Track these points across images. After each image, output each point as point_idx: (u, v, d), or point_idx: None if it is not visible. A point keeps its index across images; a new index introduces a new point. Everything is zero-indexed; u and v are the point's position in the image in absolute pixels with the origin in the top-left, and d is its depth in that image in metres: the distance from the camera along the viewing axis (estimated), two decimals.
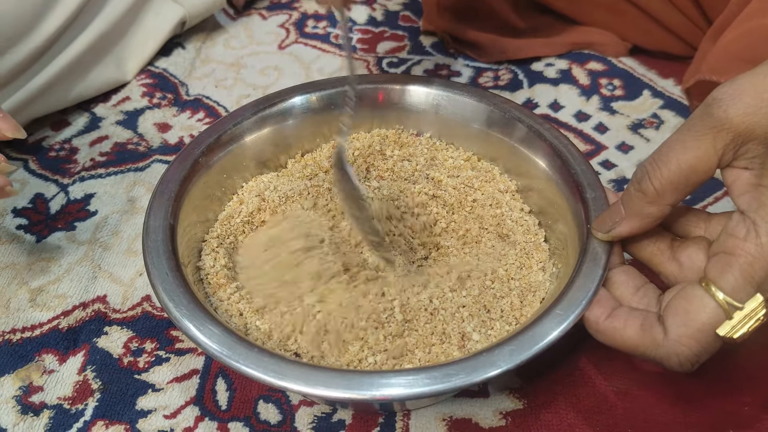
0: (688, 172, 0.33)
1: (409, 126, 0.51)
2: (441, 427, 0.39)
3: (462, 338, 0.38)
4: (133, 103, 0.63)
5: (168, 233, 0.39)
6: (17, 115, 0.55)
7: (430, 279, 0.41)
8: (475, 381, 0.32)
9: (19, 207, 0.53)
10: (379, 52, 0.69)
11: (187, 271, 0.39)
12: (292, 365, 0.33)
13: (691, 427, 0.39)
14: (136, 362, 0.43)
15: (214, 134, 0.46)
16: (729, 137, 0.32)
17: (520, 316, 0.39)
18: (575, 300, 0.35)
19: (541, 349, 0.33)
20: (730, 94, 0.31)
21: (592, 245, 0.37)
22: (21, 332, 0.44)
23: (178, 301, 0.36)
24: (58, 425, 0.40)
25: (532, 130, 0.45)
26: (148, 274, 0.37)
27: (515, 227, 0.44)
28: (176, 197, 0.42)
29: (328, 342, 0.38)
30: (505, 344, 0.33)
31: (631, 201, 0.35)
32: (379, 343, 0.38)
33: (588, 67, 0.65)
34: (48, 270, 0.48)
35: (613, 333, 0.34)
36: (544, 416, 0.39)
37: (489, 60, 0.67)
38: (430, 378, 0.32)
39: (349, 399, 0.32)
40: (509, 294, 0.40)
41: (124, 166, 0.57)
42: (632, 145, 0.57)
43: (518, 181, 0.47)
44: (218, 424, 0.40)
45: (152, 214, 0.40)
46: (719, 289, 0.32)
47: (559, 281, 0.39)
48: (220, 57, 0.69)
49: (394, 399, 0.32)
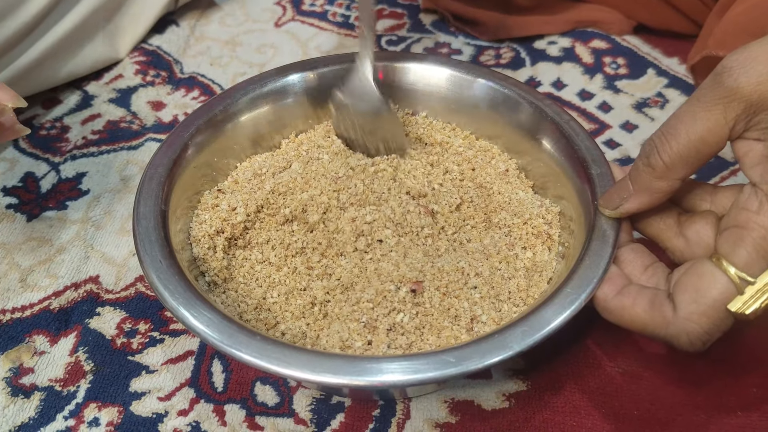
0: (699, 144, 0.32)
1: (404, 105, 0.49)
2: (443, 409, 0.38)
3: (471, 321, 0.37)
4: (126, 81, 0.62)
5: (159, 219, 0.38)
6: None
7: (442, 259, 0.40)
8: (489, 364, 0.31)
9: (9, 186, 0.52)
10: (378, 30, 0.68)
11: (182, 256, 0.38)
12: (295, 352, 0.31)
13: (697, 409, 0.38)
14: (130, 343, 0.42)
15: (204, 115, 0.44)
16: (740, 107, 0.30)
17: (527, 297, 0.38)
18: (586, 279, 0.34)
19: (554, 329, 0.32)
20: (741, 62, 0.30)
21: (600, 222, 0.36)
22: (11, 313, 0.43)
23: (173, 289, 0.34)
24: (50, 407, 0.39)
25: (533, 107, 0.44)
26: (140, 262, 0.36)
27: (518, 206, 0.43)
28: (166, 181, 0.40)
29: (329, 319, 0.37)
30: (517, 326, 0.32)
31: (640, 176, 0.34)
32: (390, 328, 0.36)
33: (591, 45, 0.64)
34: (39, 250, 0.47)
35: (621, 311, 0.33)
36: (548, 398, 0.39)
37: (490, 38, 0.65)
38: (441, 363, 0.31)
39: (360, 386, 0.30)
40: (515, 275, 0.39)
41: (117, 145, 0.55)
42: (637, 124, 0.56)
43: (519, 159, 0.46)
44: (214, 407, 0.39)
45: (142, 200, 0.38)
46: (731, 264, 0.31)
47: (567, 260, 0.38)
48: (215, 34, 0.68)
49: (404, 385, 0.31)
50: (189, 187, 0.42)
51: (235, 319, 0.33)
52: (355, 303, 0.37)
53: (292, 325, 0.37)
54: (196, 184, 0.43)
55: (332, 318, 0.37)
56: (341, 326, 0.36)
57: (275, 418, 0.38)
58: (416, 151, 0.46)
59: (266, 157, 0.47)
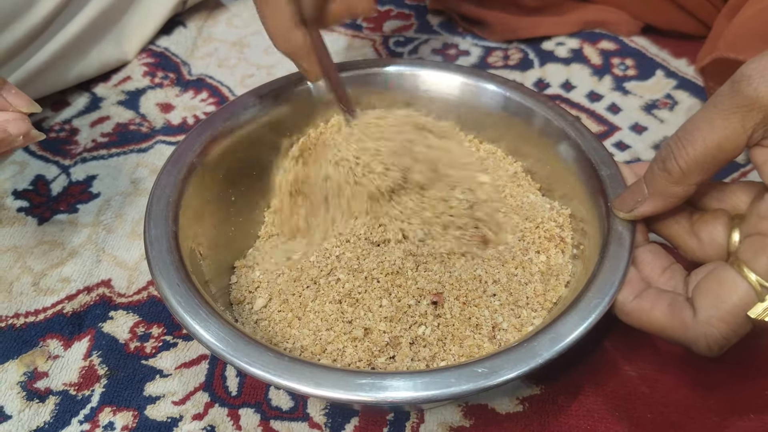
0: (715, 151, 0.32)
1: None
2: (457, 413, 0.38)
3: (493, 329, 0.37)
4: (135, 83, 0.62)
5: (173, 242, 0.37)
6: None
7: (458, 268, 0.39)
8: (521, 373, 0.31)
9: (20, 189, 0.52)
10: (386, 31, 0.68)
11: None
12: (311, 368, 0.31)
13: (710, 411, 0.38)
14: (143, 347, 0.42)
15: (208, 130, 0.43)
16: (759, 116, 0.30)
17: (544, 302, 0.38)
18: (607, 283, 0.34)
19: (581, 335, 0.32)
20: (760, 71, 0.30)
21: (615, 225, 0.36)
22: (24, 317, 0.43)
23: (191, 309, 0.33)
24: (65, 411, 0.39)
25: (537, 110, 0.44)
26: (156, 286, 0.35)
27: (530, 210, 0.43)
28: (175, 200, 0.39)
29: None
30: (546, 333, 0.32)
31: (655, 180, 0.34)
32: (413, 341, 0.36)
33: (600, 46, 0.64)
34: (51, 253, 0.47)
35: (639, 314, 0.33)
36: (562, 402, 0.39)
37: (498, 39, 0.65)
38: (472, 375, 0.30)
39: (405, 401, 0.30)
40: (532, 279, 0.39)
41: (127, 147, 0.55)
42: (646, 126, 0.56)
43: (523, 162, 0.46)
44: (228, 411, 0.39)
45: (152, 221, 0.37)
46: (752, 271, 0.31)
47: (585, 262, 0.38)
48: (223, 36, 0.68)
49: (438, 399, 0.30)
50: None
51: (249, 334, 0.33)
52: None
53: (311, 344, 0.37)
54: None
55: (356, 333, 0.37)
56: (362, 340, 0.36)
57: (290, 422, 0.38)
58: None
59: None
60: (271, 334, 0.38)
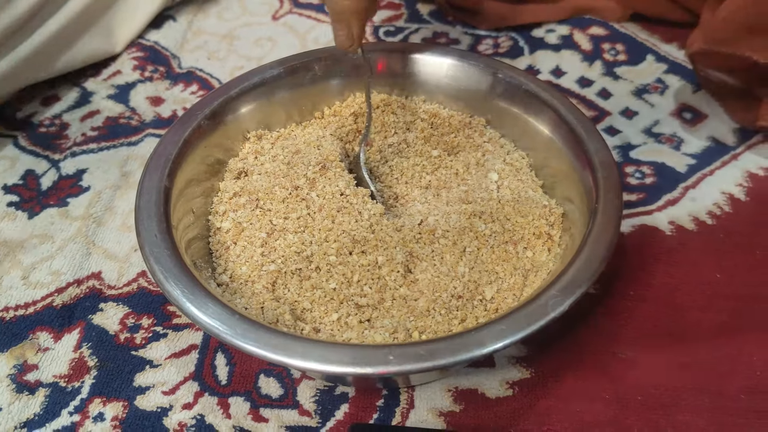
0: None
1: (412, 94, 0.50)
2: (447, 398, 0.38)
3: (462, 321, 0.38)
4: (125, 77, 0.62)
5: (162, 196, 0.39)
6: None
7: (442, 254, 0.40)
8: (459, 360, 0.31)
9: (9, 184, 0.52)
10: (376, 21, 0.67)
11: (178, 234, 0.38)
12: (301, 342, 0.32)
13: (701, 392, 0.38)
14: (133, 338, 0.42)
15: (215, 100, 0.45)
16: None
17: (520, 296, 0.39)
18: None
19: (510, 343, 0.32)
20: None
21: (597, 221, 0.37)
22: (14, 310, 0.43)
23: (174, 280, 0.35)
24: (55, 403, 0.39)
25: (550, 106, 0.44)
26: (141, 247, 0.36)
27: (524, 205, 0.43)
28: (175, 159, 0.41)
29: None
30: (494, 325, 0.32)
31: None
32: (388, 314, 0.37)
33: (590, 32, 0.63)
34: (41, 247, 0.47)
35: None
36: (551, 385, 0.39)
37: (488, 27, 0.65)
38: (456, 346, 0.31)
39: (393, 372, 0.31)
40: (514, 273, 0.40)
41: (117, 141, 0.55)
42: (636, 111, 0.56)
43: (531, 159, 0.46)
44: (218, 399, 0.39)
45: (147, 174, 0.40)
46: None
47: (563, 260, 0.38)
48: (213, 29, 0.68)
49: (418, 371, 0.31)
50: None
51: (238, 311, 0.33)
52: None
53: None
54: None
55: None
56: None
57: (279, 409, 0.38)
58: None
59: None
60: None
